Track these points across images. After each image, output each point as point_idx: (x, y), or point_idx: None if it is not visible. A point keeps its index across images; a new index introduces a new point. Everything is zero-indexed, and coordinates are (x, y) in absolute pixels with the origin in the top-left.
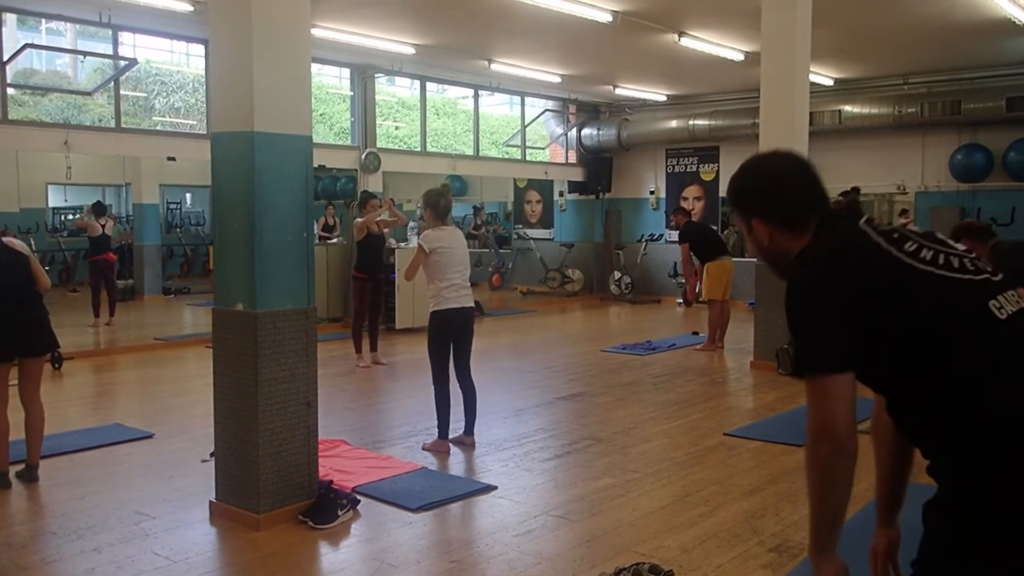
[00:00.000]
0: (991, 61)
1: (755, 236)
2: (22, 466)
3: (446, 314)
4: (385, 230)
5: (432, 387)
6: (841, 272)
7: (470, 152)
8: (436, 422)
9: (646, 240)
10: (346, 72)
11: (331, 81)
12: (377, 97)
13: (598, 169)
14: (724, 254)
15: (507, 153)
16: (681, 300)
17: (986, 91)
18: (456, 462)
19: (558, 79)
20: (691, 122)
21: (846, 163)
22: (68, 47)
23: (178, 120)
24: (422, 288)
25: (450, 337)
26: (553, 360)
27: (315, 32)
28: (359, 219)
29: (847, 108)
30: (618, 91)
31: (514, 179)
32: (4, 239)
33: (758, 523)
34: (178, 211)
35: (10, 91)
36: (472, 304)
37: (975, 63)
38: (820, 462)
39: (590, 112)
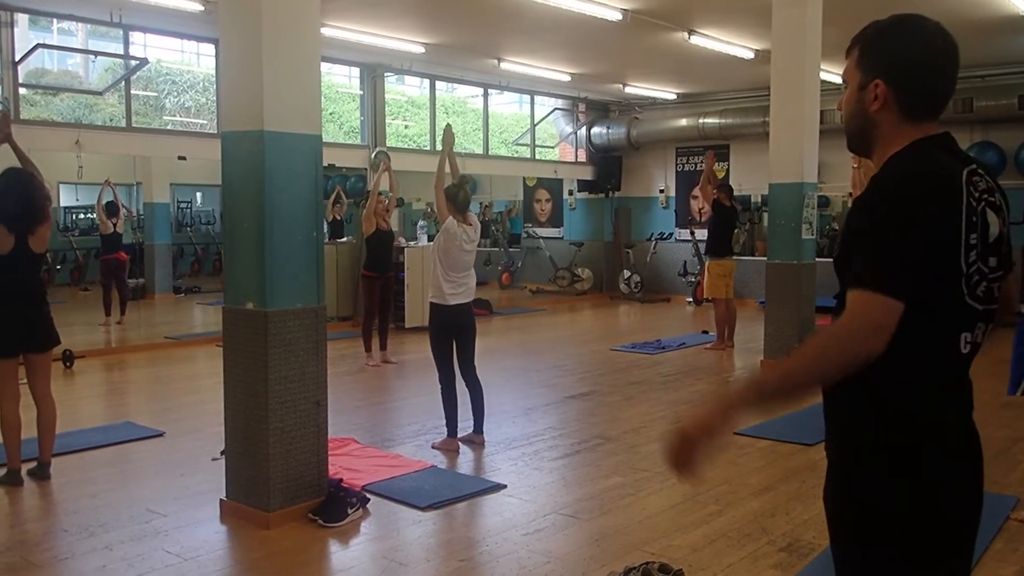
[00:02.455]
0: (1003, 59)
1: (865, 95)
2: (34, 464)
3: (443, 310)
4: (395, 229)
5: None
6: (937, 203)
7: (480, 151)
8: (444, 421)
9: (656, 239)
10: (356, 71)
11: (341, 80)
12: (387, 96)
13: (608, 168)
14: (729, 254)
15: (516, 152)
16: (691, 299)
17: (998, 89)
18: (465, 461)
19: (568, 78)
20: (701, 120)
21: None
22: (79, 47)
23: (188, 119)
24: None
25: (450, 334)
26: (562, 359)
27: (325, 31)
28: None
29: None
30: (628, 89)
31: (524, 178)
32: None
33: (768, 522)
34: (188, 210)
35: (22, 91)
36: (470, 300)
37: (987, 61)
38: (843, 337)
39: (600, 110)
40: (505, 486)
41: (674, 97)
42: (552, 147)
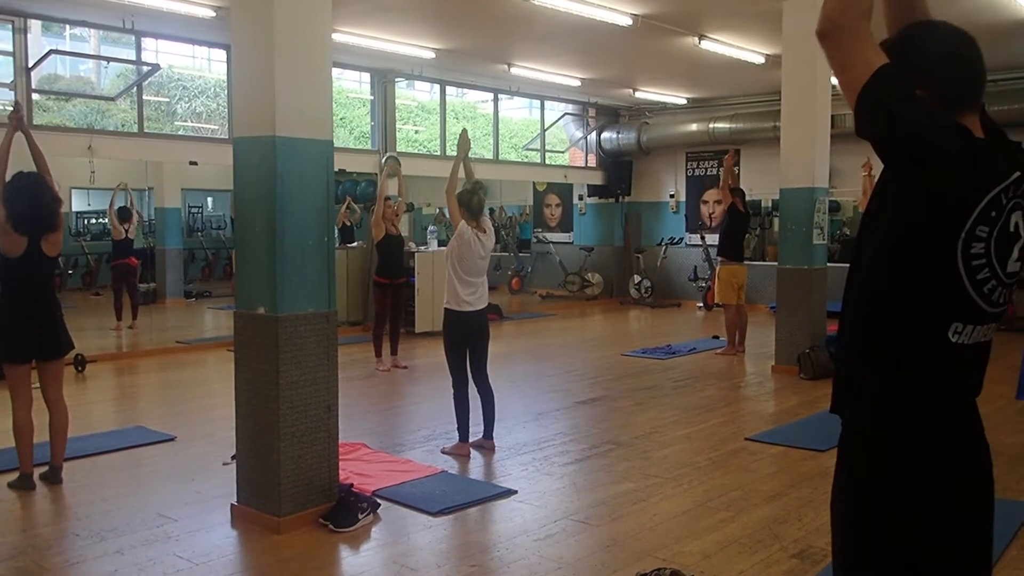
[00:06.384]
0: (1015, 63)
1: None
2: (46, 468)
3: (459, 316)
4: (404, 234)
5: (452, 390)
6: (959, 159)
7: (489, 156)
8: (456, 425)
9: (666, 244)
10: (366, 76)
11: (351, 85)
12: (397, 101)
13: (618, 172)
14: (739, 260)
15: (527, 157)
16: (701, 304)
17: (1010, 94)
18: (476, 466)
19: (578, 82)
20: (711, 125)
21: None
22: (92, 53)
23: (200, 125)
24: (442, 292)
25: (465, 340)
26: (573, 364)
27: (336, 37)
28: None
29: None
30: (638, 94)
31: (533, 183)
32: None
33: (780, 529)
34: (199, 215)
35: (35, 96)
36: (485, 306)
37: (999, 65)
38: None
39: (610, 115)
40: (516, 491)
41: (684, 102)
42: (562, 152)
